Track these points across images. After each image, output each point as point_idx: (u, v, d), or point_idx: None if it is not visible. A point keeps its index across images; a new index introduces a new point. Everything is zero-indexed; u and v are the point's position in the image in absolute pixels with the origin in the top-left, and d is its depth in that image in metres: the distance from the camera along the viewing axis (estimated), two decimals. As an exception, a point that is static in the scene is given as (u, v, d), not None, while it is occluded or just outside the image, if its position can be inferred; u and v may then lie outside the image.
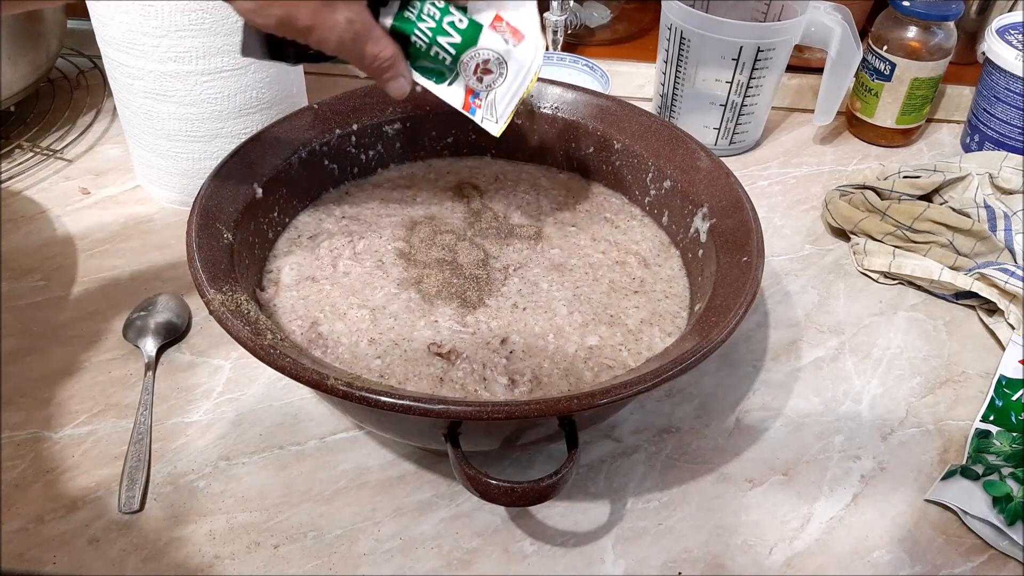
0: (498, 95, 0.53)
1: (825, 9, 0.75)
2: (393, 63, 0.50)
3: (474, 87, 0.52)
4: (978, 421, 0.57)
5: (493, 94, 0.53)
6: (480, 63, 0.51)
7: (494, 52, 0.51)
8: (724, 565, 0.49)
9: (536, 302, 0.55)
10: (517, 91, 0.53)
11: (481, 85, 0.52)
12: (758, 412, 0.58)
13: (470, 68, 0.51)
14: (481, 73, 0.51)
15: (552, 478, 0.43)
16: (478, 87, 0.52)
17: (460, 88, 0.53)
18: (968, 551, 0.50)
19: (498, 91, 0.53)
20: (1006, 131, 0.79)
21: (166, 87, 0.65)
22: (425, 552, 0.49)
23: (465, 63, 0.51)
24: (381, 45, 0.49)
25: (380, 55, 0.49)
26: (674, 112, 0.82)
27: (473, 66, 0.51)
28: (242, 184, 0.56)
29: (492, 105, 0.53)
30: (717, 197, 0.57)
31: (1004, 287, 0.63)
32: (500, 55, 0.51)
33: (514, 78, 0.52)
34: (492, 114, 0.53)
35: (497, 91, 0.53)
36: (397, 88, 0.51)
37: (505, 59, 0.51)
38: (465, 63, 0.51)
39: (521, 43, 0.52)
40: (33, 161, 0.76)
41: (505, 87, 0.53)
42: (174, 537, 0.49)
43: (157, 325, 0.60)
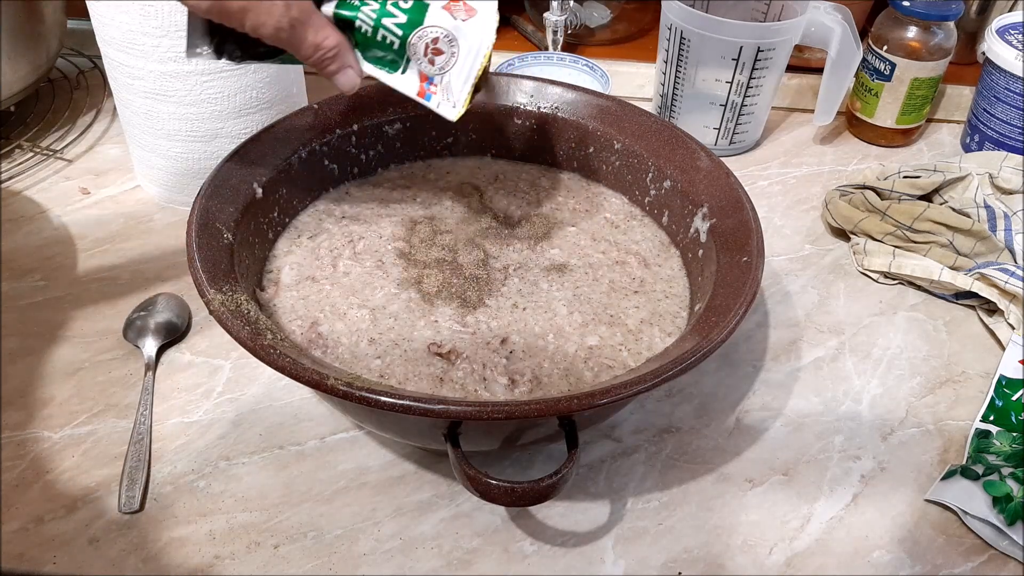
0: (453, 76, 0.51)
1: (825, 9, 0.75)
2: (338, 53, 0.48)
3: (427, 71, 0.50)
4: (978, 421, 0.57)
5: (448, 76, 0.51)
6: (429, 43, 0.49)
7: (442, 29, 0.49)
8: (724, 565, 0.49)
9: (536, 302, 0.55)
10: (471, 69, 0.51)
11: (434, 67, 0.50)
12: (758, 412, 0.58)
13: (420, 50, 0.49)
14: (432, 54, 0.50)
15: (552, 478, 0.43)
16: (431, 70, 0.50)
17: (414, 75, 0.51)
18: (968, 551, 0.50)
19: (452, 72, 0.51)
20: (1006, 131, 0.79)
21: (166, 87, 0.65)
22: (425, 552, 0.49)
23: (414, 45, 0.49)
24: (324, 33, 0.47)
25: (323, 44, 0.47)
26: (674, 112, 0.82)
27: (423, 47, 0.49)
28: (242, 184, 0.56)
29: (448, 88, 0.51)
30: (717, 197, 0.57)
31: (1004, 287, 0.63)
32: (449, 32, 0.49)
33: (467, 56, 0.50)
34: (449, 98, 0.51)
35: (451, 72, 0.51)
36: (346, 80, 0.49)
37: (455, 36, 0.49)
38: (414, 45, 0.49)
39: (471, 18, 0.50)
40: (33, 161, 0.76)
41: (459, 67, 0.51)
42: (174, 537, 0.49)
43: (157, 325, 0.60)
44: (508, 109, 0.66)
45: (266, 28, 0.45)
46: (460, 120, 0.53)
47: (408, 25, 0.49)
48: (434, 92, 0.51)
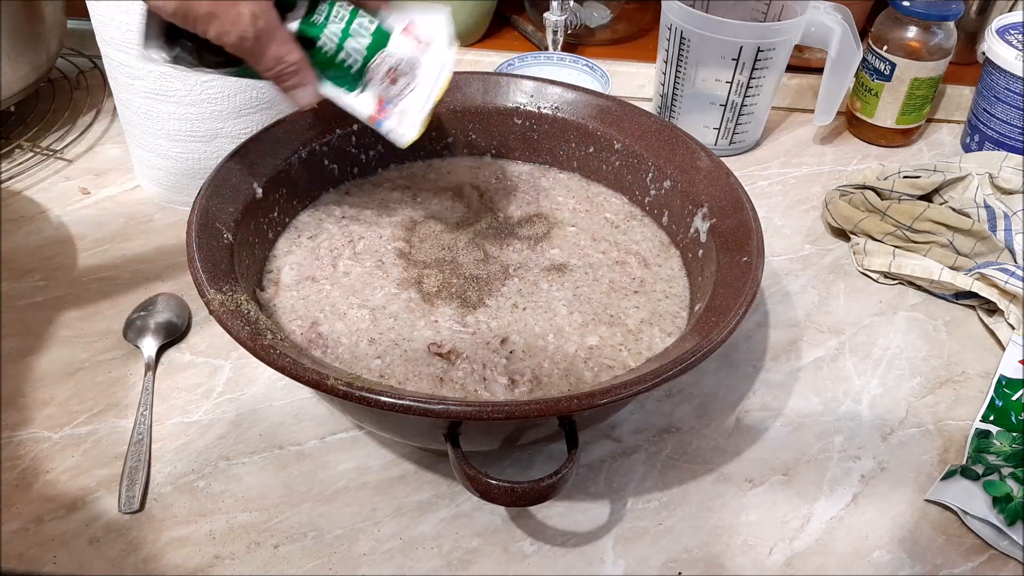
0: (410, 102, 0.51)
1: (825, 9, 0.75)
2: (299, 69, 0.48)
3: (385, 94, 0.50)
4: (978, 421, 0.57)
5: (405, 101, 0.51)
6: (391, 67, 0.49)
7: (405, 56, 0.49)
8: (724, 565, 0.49)
9: (536, 302, 0.55)
10: (429, 97, 0.51)
11: (391, 93, 0.50)
12: (758, 412, 0.58)
13: (379, 75, 0.50)
14: (391, 80, 0.50)
15: (552, 478, 0.43)
16: (389, 94, 0.50)
17: (368, 98, 0.51)
18: (968, 551, 0.50)
19: (410, 97, 0.51)
20: (1006, 131, 0.79)
21: (166, 87, 0.65)
22: (425, 552, 0.49)
23: (375, 68, 0.49)
24: (287, 48, 0.47)
25: (285, 58, 0.47)
26: (674, 112, 0.82)
27: (382, 72, 0.49)
28: (242, 184, 0.56)
29: (403, 114, 0.51)
30: (717, 197, 0.57)
31: (1004, 287, 0.63)
32: (411, 59, 0.49)
33: (426, 83, 0.50)
34: (403, 123, 0.51)
35: (409, 97, 0.51)
36: (303, 97, 0.49)
37: (415, 63, 0.50)
38: (375, 68, 0.49)
39: (431, 48, 0.50)
40: (33, 161, 0.76)
41: (418, 93, 0.51)
42: (174, 537, 0.49)
43: (157, 325, 0.60)
44: (508, 109, 0.66)
45: (230, 36, 0.44)
46: (460, 120, 0.53)
47: (372, 48, 0.49)
48: (388, 117, 0.51)
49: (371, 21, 0.49)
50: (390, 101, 0.51)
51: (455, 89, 0.66)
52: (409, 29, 0.50)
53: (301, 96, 0.49)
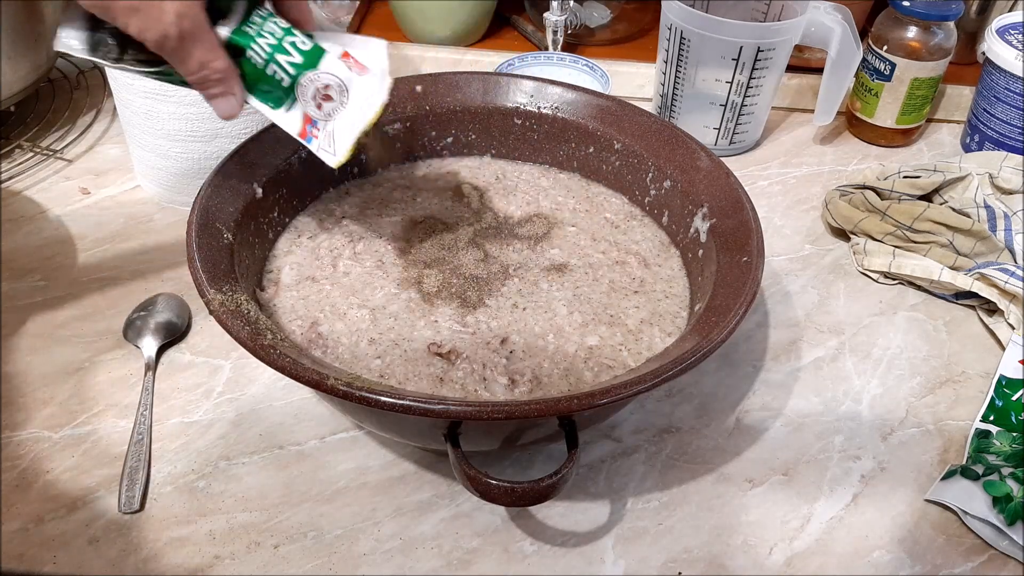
0: (338, 125, 0.49)
1: (825, 9, 0.75)
2: (225, 78, 0.46)
3: (313, 115, 0.49)
4: (978, 421, 0.57)
5: (332, 124, 0.49)
6: (320, 88, 0.48)
7: (335, 77, 0.48)
8: (724, 565, 0.49)
9: (536, 302, 0.55)
10: (358, 122, 0.49)
11: (320, 113, 0.49)
12: (758, 412, 0.58)
13: (309, 93, 0.48)
14: (321, 100, 0.48)
15: (552, 478, 0.43)
16: (317, 115, 0.49)
17: (297, 115, 0.49)
18: (968, 551, 0.50)
19: (338, 121, 0.49)
20: (1006, 131, 0.79)
21: (166, 87, 0.65)
22: (425, 552, 0.49)
23: (304, 87, 0.48)
24: (213, 54, 0.45)
25: (211, 64, 0.45)
26: (674, 112, 0.82)
27: (312, 91, 0.48)
28: (242, 184, 0.56)
29: (331, 136, 0.50)
30: (717, 197, 0.57)
31: (1004, 287, 0.63)
32: (342, 81, 0.48)
33: (356, 108, 0.49)
34: (331, 145, 0.50)
35: (337, 121, 0.49)
36: (226, 107, 0.47)
37: (347, 86, 0.48)
38: (304, 87, 0.48)
39: (366, 75, 0.49)
40: (33, 161, 0.76)
41: (346, 116, 0.49)
42: (174, 537, 0.49)
43: (157, 325, 0.60)
44: (508, 109, 0.66)
45: (151, 33, 0.42)
46: (460, 120, 0.52)
47: (302, 66, 0.48)
48: (316, 136, 0.50)
49: (307, 40, 0.48)
50: (317, 121, 0.49)
51: (455, 89, 0.66)
52: (347, 55, 0.49)
53: (223, 106, 0.47)
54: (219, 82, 0.46)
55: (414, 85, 0.65)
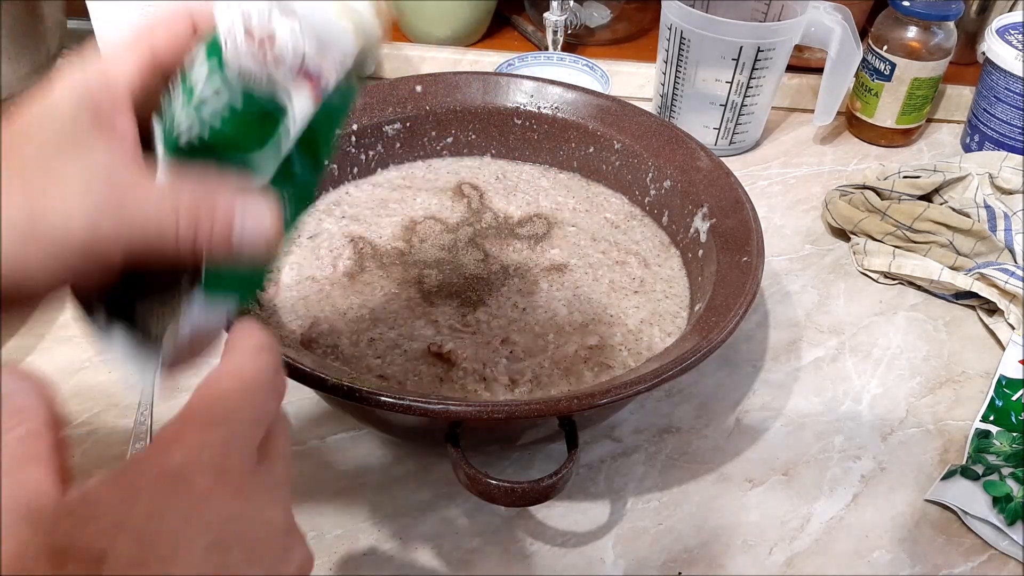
0: (326, 64, 0.32)
1: (825, 9, 0.75)
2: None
3: (288, 68, 0.31)
4: (978, 421, 0.57)
5: (325, 63, 0.32)
6: (263, 40, 0.30)
7: (258, 10, 0.30)
8: (724, 565, 0.49)
9: (536, 302, 0.55)
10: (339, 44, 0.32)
11: (294, 63, 0.31)
12: (758, 412, 0.58)
13: (247, 54, 0.30)
14: (260, 47, 0.30)
15: (552, 478, 0.43)
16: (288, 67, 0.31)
17: (305, 94, 0.32)
18: (968, 551, 0.50)
19: (325, 62, 0.32)
20: (1006, 131, 0.79)
21: (166, 87, 0.65)
22: (425, 552, 0.49)
23: (234, 56, 0.30)
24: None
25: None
26: (674, 112, 0.82)
27: (244, 45, 0.30)
28: (242, 184, 0.56)
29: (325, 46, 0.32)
30: (717, 197, 0.57)
31: (1004, 287, 0.63)
32: (269, 9, 0.30)
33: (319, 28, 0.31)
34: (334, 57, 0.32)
35: (324, 62, 0.31)
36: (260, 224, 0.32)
37: (282, 10, 0.30)
38: (234, 56, 0.30)
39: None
40: (33, 161, 0.76)
41: (310, 19, 0.30)
42: (174, 537, 0.49)
43: (157, 325, 0.60)
44: (508, 109, 0.66)
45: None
46: (460, 120, 0.50)
47: (212, 53, 0.31)
48: (325, 71, 0.32)
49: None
50: (312, 71, 0.31)
51: (455, 89, 0.66)
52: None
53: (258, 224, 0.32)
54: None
55: (414, 85, 0.65)
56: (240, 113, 0.31)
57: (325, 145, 0.34)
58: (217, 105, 0.31)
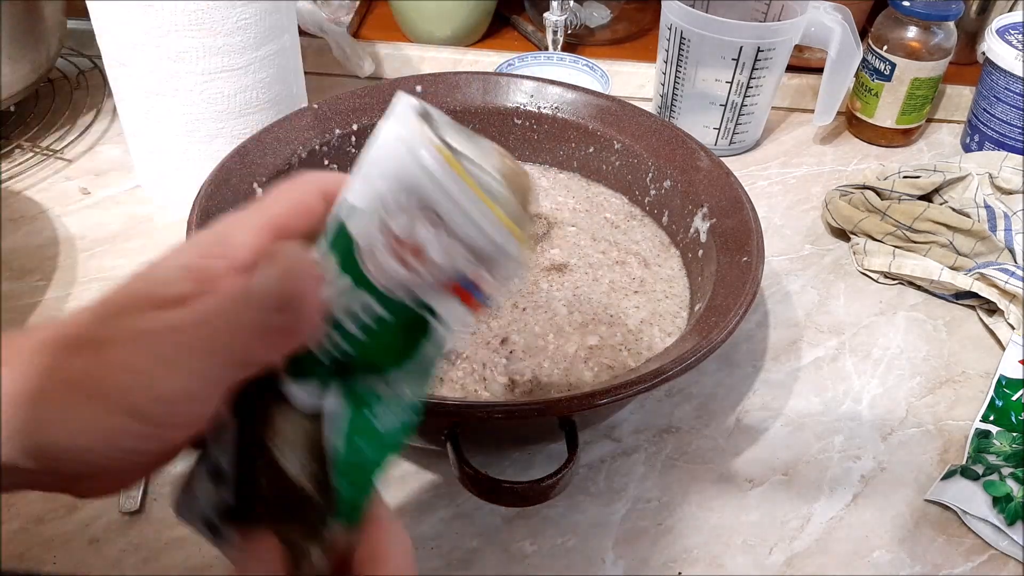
0: (476, 275, 0.28)
1: (825, 9, 0.75)
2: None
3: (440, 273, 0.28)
4: (978, 421, 0.57)
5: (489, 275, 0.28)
6: (391, 234, 0.27)
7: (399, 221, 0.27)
8: (724, 565, 0.49)
9: (536, 302, 0.55)
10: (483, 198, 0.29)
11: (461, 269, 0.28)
12: (758, 412, 0.58)
13: (387, 260, 0.27)
14: (408, 253, 0.27)
15: (552, 478, 0.43)
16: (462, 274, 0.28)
17: (445, 306, 0.29)
18: (968, 551, 0.50)
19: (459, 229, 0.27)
20: (1006, 131, 0.79)
21: (166, 87, 0.65)
22: (425, 552, 0.49)
23: (374, 265, 0.27)
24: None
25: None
26: (674, 112, 0.82)
27: (387, 245, 0.27)
28: (242, 184, 0.56)
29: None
30: (717, 197, 0.57)
31: (1004, 287, 0.63)
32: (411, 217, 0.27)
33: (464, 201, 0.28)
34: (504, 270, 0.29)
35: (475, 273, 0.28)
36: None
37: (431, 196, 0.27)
38: (374, 265, 0.27)
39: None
40: (33, 161, 0.76)
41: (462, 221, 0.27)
42: (174, 537, 0.49)
43: (157, 325, 0.60)
44: (508, 109, 0.66)
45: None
46: (460, 120, 0.50)
47: (344, 264, 0.28)
48: (480, 284, 0.29)
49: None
50: (467, 283, 0.28)
51: (455, 89, 0.66)
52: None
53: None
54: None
55: (414, 85, 0.65)
56: (383, 327, 0.28)
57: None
58: (359, 318, 0.28)
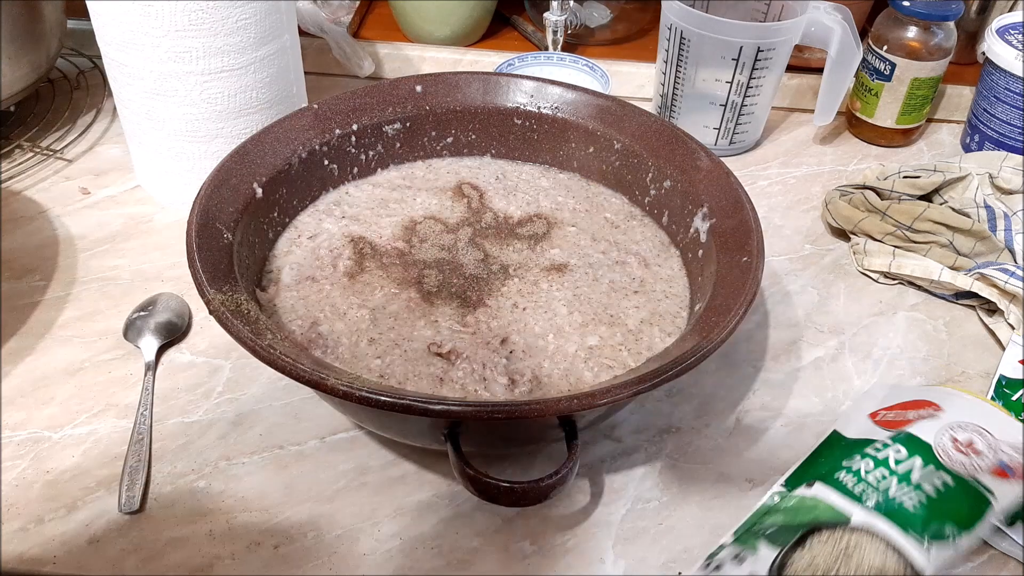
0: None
1: (825, 9, 0.75)
2: None
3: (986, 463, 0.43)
4: (978, 421, 0.57)
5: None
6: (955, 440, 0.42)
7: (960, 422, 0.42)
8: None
9: (536, 302, 0.55)
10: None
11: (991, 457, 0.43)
12: (758, 412, 0.58)
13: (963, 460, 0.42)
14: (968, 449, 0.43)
15: (552, 478, 0.43)
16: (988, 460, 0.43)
17: (1006, 487, 0.41)
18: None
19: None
20: (1006, 131, 0.79)
21: (166, 87, 0.65)
22: (425, 552, 0.49)
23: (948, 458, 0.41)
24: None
25: None
26: (674, 112, 0.82)
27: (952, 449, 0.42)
28: (242, 184, 0.56)
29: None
30: (717, 197, 0.57)
31: (1004, 287, 0.63)
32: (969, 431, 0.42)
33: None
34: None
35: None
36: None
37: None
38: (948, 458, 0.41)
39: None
40: (33, 161, 0.76)
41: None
42: (174, 537, 0.49)
43: (157, 325, 0.60)
44: (508, 109, 0.66)
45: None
46: (460, 120, 0.51)
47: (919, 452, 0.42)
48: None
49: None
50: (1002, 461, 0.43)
51: (455, 89, 0.66)
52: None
53: None
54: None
55: (414, 85, 0.65)
56: (951, 494, 0.42)
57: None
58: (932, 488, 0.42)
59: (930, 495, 0.42)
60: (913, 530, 0.41)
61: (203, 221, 0.52)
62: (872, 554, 0.39)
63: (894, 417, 0.49)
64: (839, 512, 0.42)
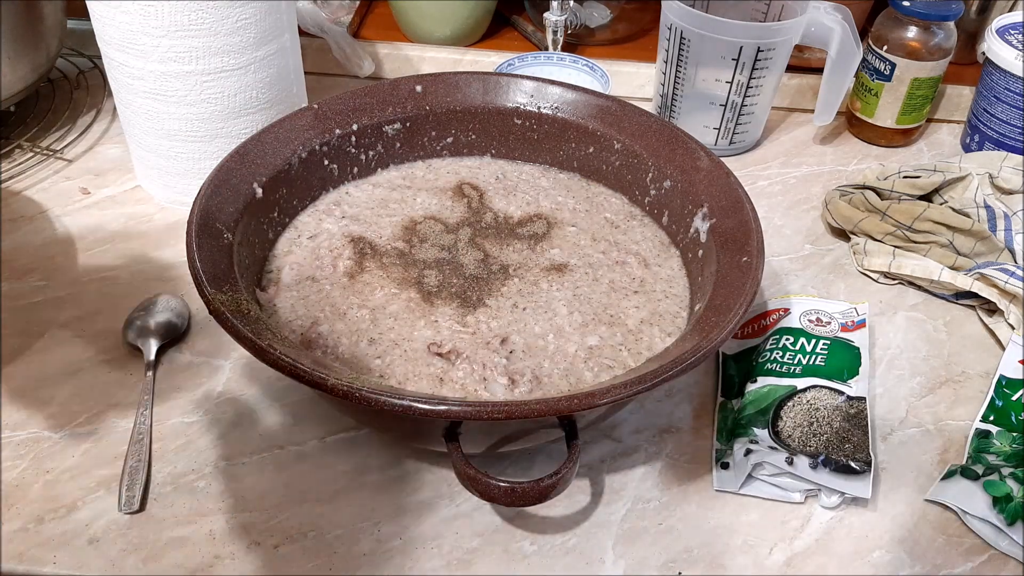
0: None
1: (825, 9, 0.75)
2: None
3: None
4: (978, 421, 0.57)
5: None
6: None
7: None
8: (724, 565, 0.49)
9: (536, 302, 0.55)
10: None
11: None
12: (758, 412, 0.58)
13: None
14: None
15: (552, 478, 0.43)
16: None
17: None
18: (968, 551, 0.50)
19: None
20: (1006, 131, 0.79)
21: (166, 87, 0.65)
22: (425, 552, 0.49)
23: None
24: None
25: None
26: (674, 112, 0.82)
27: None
28: (242, 184, 0.56)
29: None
30: (717, 197, 0.57)
31: (1004, 287, 0.63)
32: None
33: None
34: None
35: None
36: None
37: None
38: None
39: None
40: (33, 161, 0.76)
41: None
42: (174, 537, 0.49)
43: (157, 325, 0.60)
44: (508, 109, 0.66)
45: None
46: (460, 120, 0.51)
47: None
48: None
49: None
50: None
51: (455, 89, 0.66)
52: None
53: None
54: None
55: (414, 85, 0.65)
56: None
57: None
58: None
59: (825, 355, 0.57)
60: (836, 378, 0.56)
61: (203, 221, 0.52)
62: (827, 400, 0.54)
63: (759, 327, 0.61)
64: (788, 386, 0.55)
